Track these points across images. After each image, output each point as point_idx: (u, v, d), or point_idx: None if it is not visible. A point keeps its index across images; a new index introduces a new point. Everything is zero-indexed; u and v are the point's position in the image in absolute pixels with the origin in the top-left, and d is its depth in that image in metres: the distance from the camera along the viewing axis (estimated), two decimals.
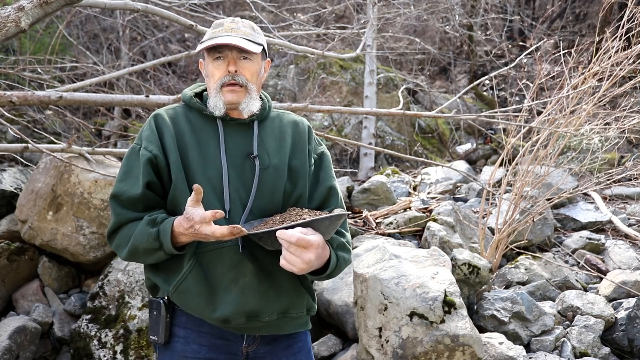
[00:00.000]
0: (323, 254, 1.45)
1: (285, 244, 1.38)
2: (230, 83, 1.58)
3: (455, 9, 8.84)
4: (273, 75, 8.31)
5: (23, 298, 3.38)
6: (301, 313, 1.65)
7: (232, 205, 1.53)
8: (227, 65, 1.58)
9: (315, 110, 3.82)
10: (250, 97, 1.60)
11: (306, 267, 1.40)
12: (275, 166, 1.60)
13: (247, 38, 1.59)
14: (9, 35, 2.17)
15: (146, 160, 1.54)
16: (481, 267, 3.11)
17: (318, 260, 1.43)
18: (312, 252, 1.38)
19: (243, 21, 1.64)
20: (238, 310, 1.52)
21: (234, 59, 1.58)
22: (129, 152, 1.61)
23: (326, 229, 1.44)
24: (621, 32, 3.70)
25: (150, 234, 1.48)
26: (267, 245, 1.46)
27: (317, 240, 1.39)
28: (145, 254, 1.51)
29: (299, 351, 1.68)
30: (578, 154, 4.35)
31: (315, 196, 1.66)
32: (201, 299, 1.53)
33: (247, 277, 1.53)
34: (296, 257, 1.38)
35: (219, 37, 1.57)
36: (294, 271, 1.40)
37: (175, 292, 1.55)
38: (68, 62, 5.86)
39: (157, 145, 1.56)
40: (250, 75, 1.60)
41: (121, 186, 1.56)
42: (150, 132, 1.59)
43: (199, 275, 1.52)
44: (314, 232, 1.40)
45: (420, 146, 7.89)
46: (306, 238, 1.37)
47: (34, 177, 3.44)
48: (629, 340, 2.95)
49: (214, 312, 1.52)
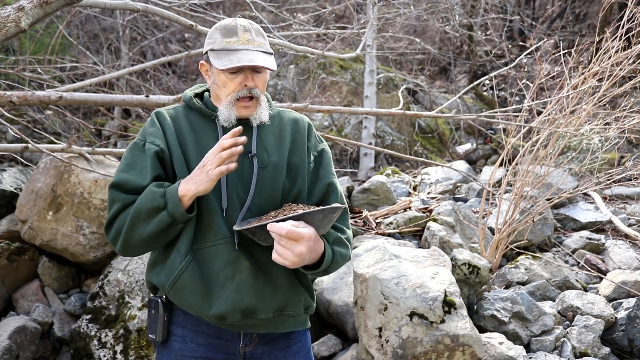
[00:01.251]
0: (316, 247, 1.44)
1: (276, 237, 1.38)
2: (246, 97, 1.57)
3: (455, 9, 8.84)
4: (273, 75, 8.30)
5: (23, 298, 3.38)
6: (298, 311, 1.64)
7: (229, 204, 1.54)
8: (242, 79, 1.56)
9: (315, 110, 3.82)
10: (261, 107, 1.61)
11: (298, 260, 1.39)
12: (274, 164, 1.60)
13: (263, 50, 1.57)
14: (9, 35, 2.17)
15: (153, 153, 1.54)
16: (481, 267, 3.11)
17: (311, 254, 1.43)
18: (304, 245, 1.38)
19: (253, 28, 1.60)
20: (234, 307, 1.52)
21: (251, 74, 1.57)
22: (130, 147, 1.59)
23: (320, 222, 1.43)
24: (621, 32, 3.70)
25: (155, 192, 1.46)
26: (261, 240, 1.47)
27: (309, 233, 1.39)
28: (147, 217, 1.47)
29: (298, 352, 1.67)
30: (578, 154, 4.35)
31: (315, 193, 1.65)
32: (197, 295, 1.53)
33: (244, 274, 1.53)
34: (287, 249, 1.38)
35: (238, 51, 1.54)
36: (286, 264, 1.40)
37: (171, 290, 1.55)
38: (68, 62, 5.86)
39: (162, 140, 1.56)
40: (262, 86, 1.61)
41: (125, 176, 1.53)
42: (155, 128, 1.59)
43: (194, 272, 1.52)
44: (306, 225, 1.40)
45: (420, 146, 7.89)
46: (297, 230, 1.37)
47: (34, 177, 3.44)
48: (629, 340, 2.95)
49: (210, 309, 1.52)
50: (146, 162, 1.53)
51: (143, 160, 1.54)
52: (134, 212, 1.48)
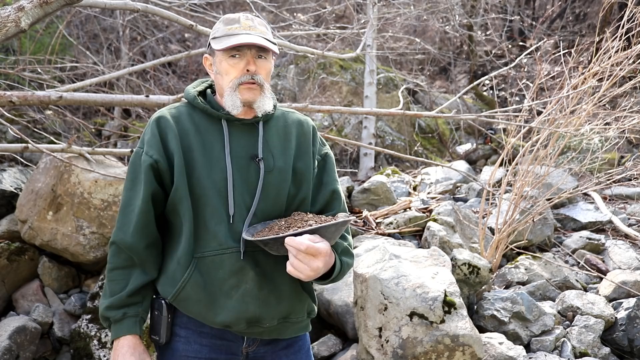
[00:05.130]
0: (329, 260, 1.45)
1: (293, 250, 1.37)
2: (249, 82, 1.55)
3: (455, 9, 8.84)
4: (273, 75, 8.30)
5: (23, 298, 3.38)
6: (302, 317, 1.65)
7: (236, 209, 1.52)
8: (245, 64, 1.55)
9: (315, 110, 3.82)
10: (265, 95, 1.58)
11: (313, 275, 1.40)
12: (280, 169, 1.58)
13: (265, 37, 1.56)
14: (9, 35, 2.16)
15: (148, 166, 1.53)
16: (481, 267, 3.11)
17: (324, 268, 1.43)
18: (320, 260, 1.39)
19: (256, 18, 1.61)
20: (239, 317, 1.52)
21: (253, 58, 1.55)
22: (133, 158, 1.59)
23: (332, 234, 1.44)
24: (621, 32, 3.70)
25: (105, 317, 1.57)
26: (272, 250, 1.46)
27: (325, 249, 1.40)
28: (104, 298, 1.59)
29: (299, 350, 1.68)
30: (578, 154, 4.35)
31: (319, 199, 1.65)
32: (201, 306, 1.52)
33: (248, 283, 1.52)
34: (304, 264, 1.38)
35: (239, 34, 1.54)
36: (301, 278, 1.40)
37: (175, 300, 1.55)
38: (68, 62, 5.86)
39: (159, 149, 1.54)
40: (265, 74, 1.59)
41: (123, 232, 1.57)
42: (152, 136, 1.56)
43: (197, 283, 1.51)
44: (321, 239, 1.40)
45: (420, 146, 7.89)
46: (315, 246, 1.37)
47: (34, 177, 3.44)
48: (629, 340, 2.95)
49: (215, 318, 1.52)
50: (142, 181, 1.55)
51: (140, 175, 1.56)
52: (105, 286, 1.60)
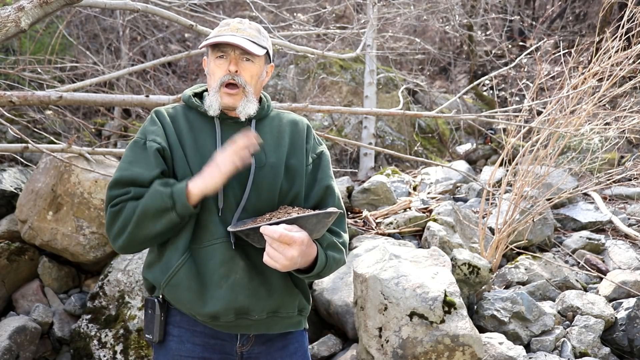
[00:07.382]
0: (308, 251, 1.44)
1: (268, 239, 1.38)
2: (229, 83, 1.58)
3: (455, 9, 8.84)
4: (273, 75, 8.30)
5: (23, 298, 3.38)
6: (292, 313, 1.64)
7: (225, 204, 1.54)
8: (228, 65, 1.58)
9: (315, 110, 3.82)
10: (247, 99, 1.60)
11: (289, 264, 1.40)
12: (272, 164, 1.60)
13: (252, 40, 1.59)
14: (9, 35, 2.16)
15: (155, 150, 1.54)
16: (481, 267, 3.11)
17: (303, 258, 1.43)
18: (295, 249, 1.38)
19: (251, 23, 1.64)
20: (227, 307, 1.52)
21: (236, 59, 1.58)
22: (131, 146, 1.59)
23: (314, 226, 1.44)
24: (621, 32, 3.70)
25: (162, 192, 1.46)
26: (254, 242, 1.47)
27: (301, 237, 1.39)
28: (154, 217, 1.47)
29: (295, 352, 1.67)
30: (578, 154, 4.35)
31: (312, 195, 1.65)
32: (191, 293, 1.53)
33: (239, 274, 1.53)
34: (279, 253, 1.38)
35: (224, 35, 1.58)
36: (277, 267, 1.40)
37: (167, 286, 1.55)
38: (68, 62, 5.86)
39: (163, 138, 1.57)
40: (249, 77, 1.60)
41: (127, 173, 1.51)
42: (155, 126, 1.59)
43: (190, 270, 1.53)
44: (299, 229, 1.41)
45: (420, 146, 7.89)
46: (289, 234, 1.37)
47: (34, 177, 3.44)
48: (629, 340, 2.95)
49: (204, 307, 1.52)
50: (150, 159, 1.53)
51: (146, 157, 1.54)
52: (140, 212, 1.48)
